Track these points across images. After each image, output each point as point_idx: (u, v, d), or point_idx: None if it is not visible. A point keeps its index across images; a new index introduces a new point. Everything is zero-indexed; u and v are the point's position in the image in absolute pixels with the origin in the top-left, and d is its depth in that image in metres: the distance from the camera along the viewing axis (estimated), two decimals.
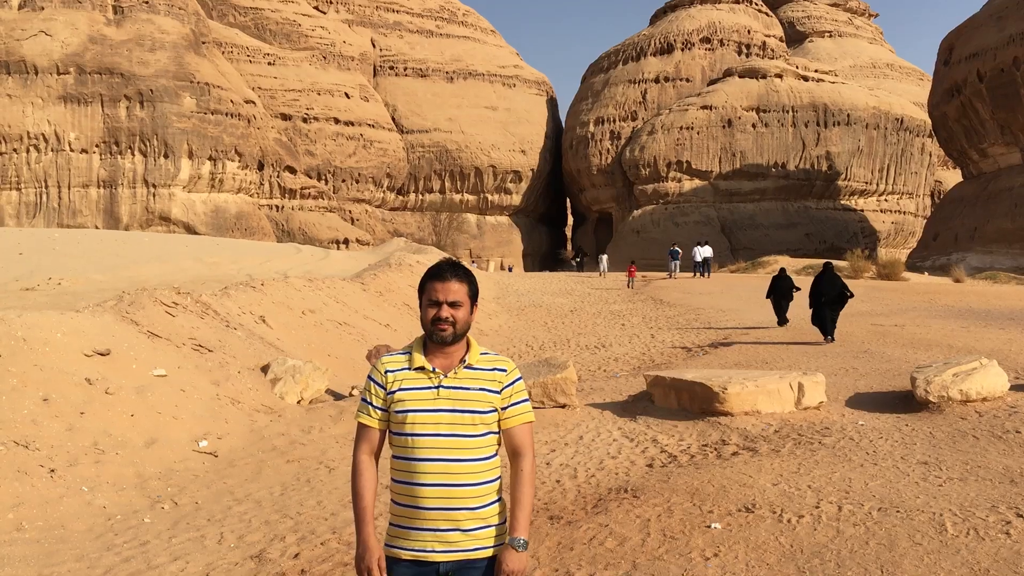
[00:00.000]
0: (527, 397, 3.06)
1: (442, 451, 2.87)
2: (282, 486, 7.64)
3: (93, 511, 6.84)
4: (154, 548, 6.11)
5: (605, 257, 46.44)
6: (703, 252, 41.45)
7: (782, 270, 20.80)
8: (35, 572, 5.66)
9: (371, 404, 2.97)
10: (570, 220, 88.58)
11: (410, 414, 2.89)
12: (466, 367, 2.96)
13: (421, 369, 2.94)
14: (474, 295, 3.01)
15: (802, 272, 35.72)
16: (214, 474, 7.99)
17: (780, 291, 19.62)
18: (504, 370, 3.00)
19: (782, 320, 19.59)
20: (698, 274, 41.04)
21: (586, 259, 63.07)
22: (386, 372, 2.97)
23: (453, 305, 2.94)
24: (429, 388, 2.92)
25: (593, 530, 6.00)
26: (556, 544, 5.79)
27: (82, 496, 7.01)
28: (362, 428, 2.99)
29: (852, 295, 17.14)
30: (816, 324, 16.87)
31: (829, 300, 16.59)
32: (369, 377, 3.01)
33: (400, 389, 2.92)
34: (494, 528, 2.94)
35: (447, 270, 2.98)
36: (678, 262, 40.96)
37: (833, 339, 16.41)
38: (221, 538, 6.29)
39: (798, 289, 19.63)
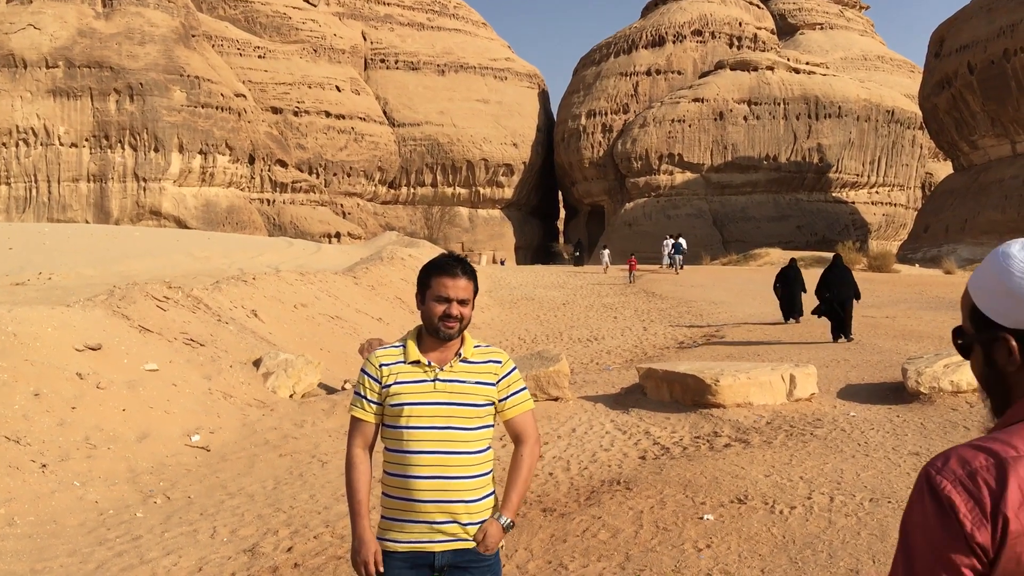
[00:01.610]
0: (524, 386, 3.06)
1: (437, 444, 2.86)
2: (275, 480, 7.63)
3: (85, 506, 6.82)
4: (147, 542, 6.10)
5: (607, 251, 44.75)
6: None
7: (792, 261, 19.59)
8: (27, 567, 5.64)
9: (365, 398, 2.95)
10: (562, 213, 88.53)
11: (406, 407, 2.88)
12: (462, 360, 2.96)
13: (416, 363, 2.94)
14: (476, 291, 3.04)
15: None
16: (206, 468, 7.97)
17: (789, 283, 18.47)
18: (499, 362, 3.00)
19: (790, 315, 18.50)
20: (674, 266, 42.11)
21: (585, 253, 61.86)
22: (380, 366, 2.95)
23: (462, 303, 2.94)
24: (425, 381, 2.91)
25: (586, 522, 6.01)
26: (549, 536, 5.80)
27: (74, 491, 7.00)
28: (356, 422, 2.98)
29: (859, 298, 15.86)
30: (828, 317, 15.58)
31: (840, 299, 15.30)
32: (363, 371, 2.99)
33: (396, 383, 2.91)
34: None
35: (457, 266, 2.97)
36: (680, 255, 40.53)
37: (852, 338, 15.15)
38: (214, 532, 6.28)
39: (804, 291, 18.34)
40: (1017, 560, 1.27)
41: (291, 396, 10.98)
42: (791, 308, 18.60)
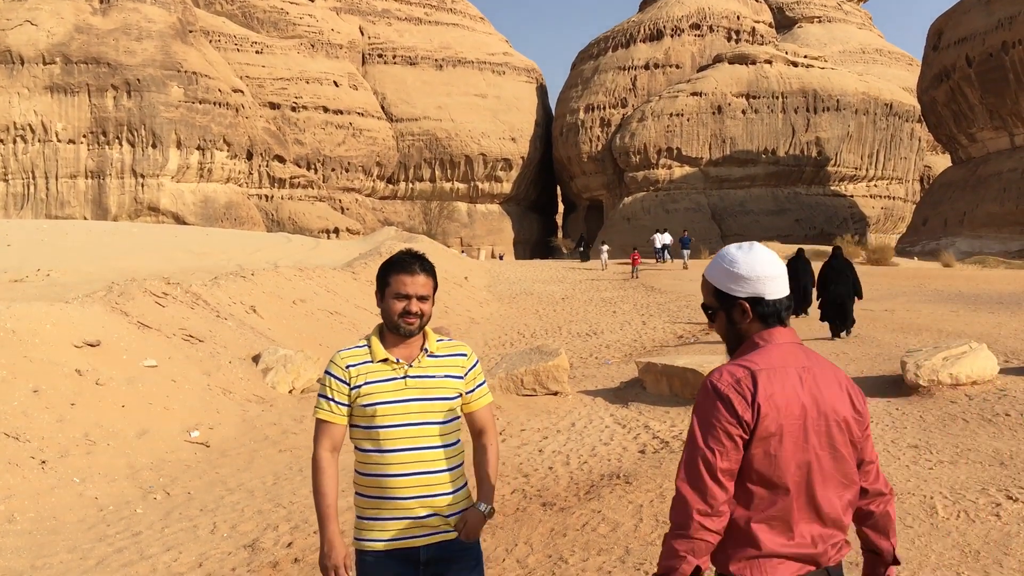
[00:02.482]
0: (485, 379, 3.11)
1: (414, 440, 2.87)
2: (275, 475, 7.63)
3: (85, 502, 6.82)
4: (147, 538, 6.10)
5: (606, 247, 44.24)
6: (663, 239, 43.63)
7: (800, 251, 18.88)
8: (27, 563, 5.65)
9: (333, 400, 2.91)
10: (560, 208, 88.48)
11: (380, 407, 2.86)
12: (429, 355, 2.96)
13: (385, 361, 2.93)
14: (436, 287, 3.03)
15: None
16: (206, 464, 7.97)
17: (797, 276, 17.45)
18: (465, 355, 3.03)
19: (798, 310, 17.76)
20: (659, 260, 42.96)
21: (590, 248, 61.17)
22: (347, 367, 2.92)
23: (421, 299, 2.94)
24: (396, 379, 2.90)
25: (586, 516, 6.02)
26: (549, 530, 5.80)
27: (74, 487, 7.00)
28: (323, 424, 2.93)
29: (860, 297, 15.47)
30: (827, 320, 15.30)
31: (833, 296, 15.11)
32: (328, 372, 2.95)
33: (366, 383, 2.89)
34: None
35: (415, 263, 2.97)
36: (688, 251, 40.96)
37: (848, 333, 15.04)
38: (214, 528, 6.29)
39: (813, 284, 17.42)
40: (767, 430, 2.18)
41: (290, 392, 10.98)
42: (800, 302, 17.93)
